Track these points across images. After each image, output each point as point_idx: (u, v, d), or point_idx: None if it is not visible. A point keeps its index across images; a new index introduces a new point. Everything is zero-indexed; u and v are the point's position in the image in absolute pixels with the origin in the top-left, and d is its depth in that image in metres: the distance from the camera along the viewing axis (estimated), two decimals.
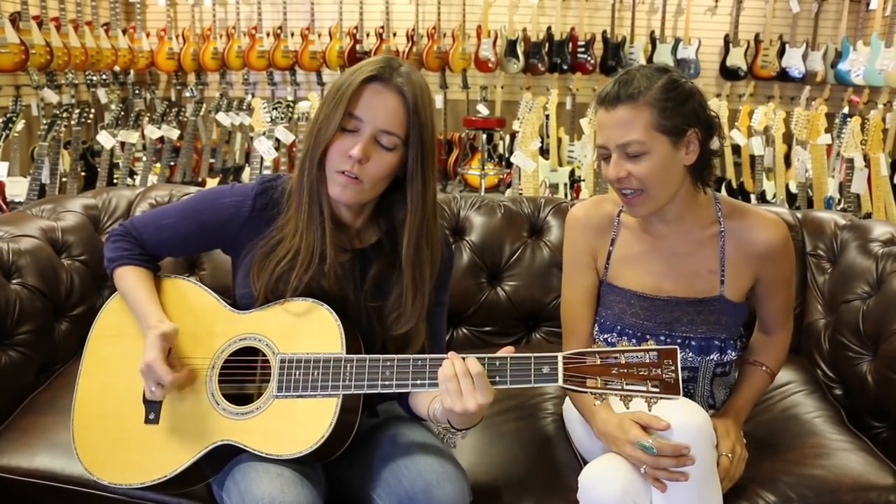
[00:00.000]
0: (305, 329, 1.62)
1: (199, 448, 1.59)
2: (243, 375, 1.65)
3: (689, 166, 1.74)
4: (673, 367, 1.41)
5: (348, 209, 1.67)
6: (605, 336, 1.90)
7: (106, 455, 1.66)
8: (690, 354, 1.84)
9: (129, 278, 1.75)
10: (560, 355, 1.45)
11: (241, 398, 1.63)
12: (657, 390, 1.40)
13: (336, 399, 1.54)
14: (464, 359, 1.46)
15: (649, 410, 1.46)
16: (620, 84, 1.68)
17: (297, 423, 1.55)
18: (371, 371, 1.54)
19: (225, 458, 1.60)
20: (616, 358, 1.43)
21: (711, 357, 1.84)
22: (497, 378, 1.47)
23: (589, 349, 1.45)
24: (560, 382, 1.44)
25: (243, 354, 1.66)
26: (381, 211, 1.70)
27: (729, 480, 1.73)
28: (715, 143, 1.76)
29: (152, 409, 1.65)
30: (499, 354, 1.49)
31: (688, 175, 1.76)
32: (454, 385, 1.44)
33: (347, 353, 1.57)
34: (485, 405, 1.45)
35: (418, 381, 1.52)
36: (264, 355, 1.64)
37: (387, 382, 1.53)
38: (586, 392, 1.43)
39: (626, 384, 1.41)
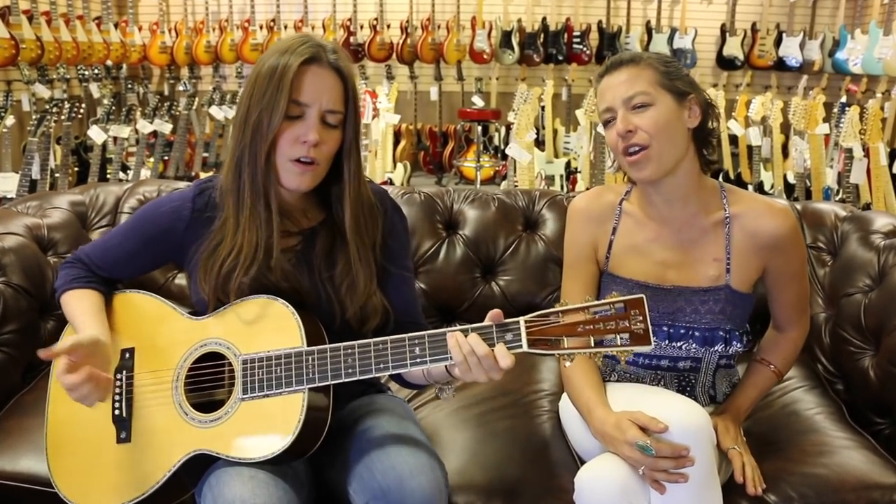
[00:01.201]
0: (264, 327, 1.58)
1: (173, 461, 1.56)
2: (210, 382, 1.62)
3: (693, 133, 1.77)
4: (641, 317, 1.36)
5: (294, 194, 1.64)
6: None
7: (83, 481, 1.63)
8: (694, 345, 1.80)
9: (72, 301, 1.73)
10: (522, 319, 1.40)
11: (211, 405, 1.60)
12: (627, 342, 1.36)
13: (302, 394, 1.51)
14: (466, 339, 1.42)
15: (623, 365, 1.40)
16: (620, 55, 1.78)
17: (266, 424, 1.51)
18: (333, 361, 1.50)
19: (202, 467, 1.56)
20: (580, 315, 1.38)
21: (716, 348, 1.81)
22: None
23: (552, 309, 1.40)
24: (525, 348, 1.39)
25: (207, 360, 1.62)
26: (318, 187, 1.67)
27: (752, 468, 1.71)
28: (712, 123, 1.81)
29: (123, 427, 1.62)
30: (486, 322, 1.44)
31: (692, 143, 1.77)
32: (473, 364, 1.42)
33: (309, 345, 1.53)
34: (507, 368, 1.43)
35: (381, 366, 1.48)
36: (227, 359, 1.60)
37: (350, 370, 1.49)
38: (553, 354, 1.39)
39: (595, 340, 1.37)
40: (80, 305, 1.71)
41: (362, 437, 1.63)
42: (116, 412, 1.63)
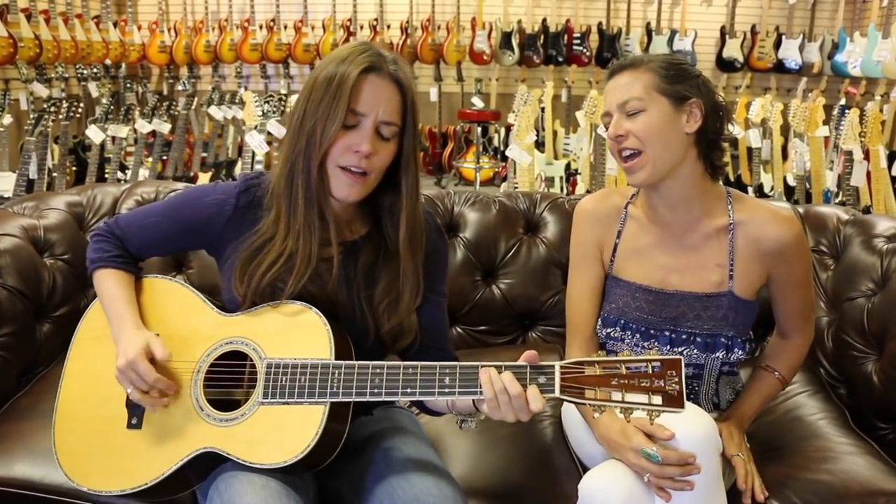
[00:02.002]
0: (294, 333, 1.56)
1: (181, 455, 1.53)
2: (230, 380, 1.60)
3: (695, 138, 1.73)
4: (677, 379, 1.33)
5: (342, 203, 1.61)
6: (608, 330, 1.85)
7: (87, 460, 1.60)
8: (696, 351, 1.79)
9: (107, 282, 1.70)
10: (557, 365, 1.39)
11: (227, 404, 1.57)
12: (660, 403, 1.33)
13: (323, 407, 1.48)
14: (500, 371, 1.40)
15: (651, 424, 1.41)
16: (625, 58, 1.78)
17: (282, 431, 1.49)
18: (360, 379, 1.48)
19: (209, 465, 1.54)
20: (616, 368, 1.35)
21: (717, 355, 1.79)
22: None
23: (588, 358, 1.38)
24: (557, 393, 1.37)
25: (230, 358, 1.60)
26: (366, 199, 1.65)
27: (751, 477, 1.70)
28: (726, 127, 1.78)
29: (135, 413, 1.59)
30: (519, 362, 1.42)
31: (693, 147, 1.74)
32: (503, 402, 1.39)
33: (337, 358, 1.51)
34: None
35: (408, 390, 1.46)
36: (251, 360, 1.58)
37: (376, 390, 1.47)
38: (584, 404, 1.37)
39: (627, 395, 1.34)
40: (117, 290, 1.69)
41: (380, 459, 1.61)
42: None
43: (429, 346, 1.68)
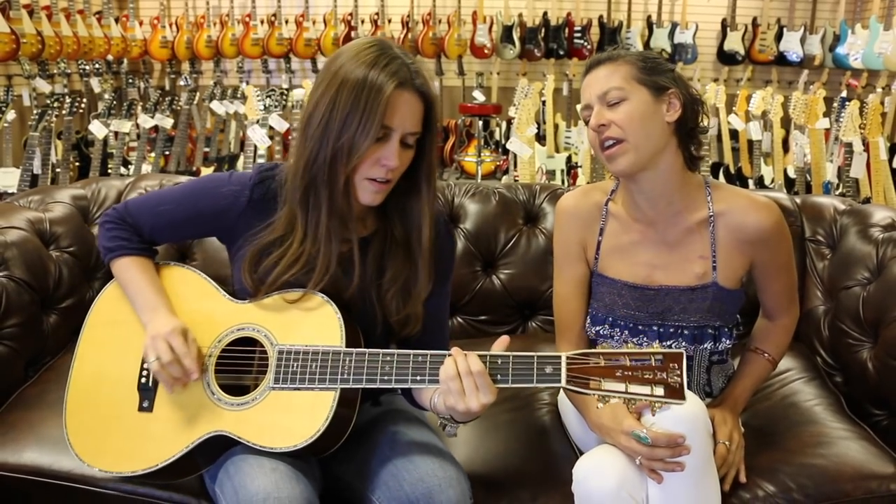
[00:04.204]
0: (305, 321, 1.59)
1: (192, 438, 1.57)
2: (241, 366, 1.63)
3: (675, 128, 1.74)
4: (678, 371, 1.38)
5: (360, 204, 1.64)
6: (597, 328, 1.87)
7: (98, 442, 1.63)
8: (684, 344, 1.81)
9: (132, 270, 1.72)
10: (564, 355, 1.43)
11: (237, 389, 1.60)
12: (662, 394, 1.37)
13: (333, 393, 1.52)
14: (466, 356, 1.44)
15: (653, 416, 1.43)
16: (598, 55, 1.78)
17: (292, 416, 1.52)
18: (370, 365, 1.51)
19: (219, 449, 1.57)
20: (620, 360, 1.39)
21: (705, 346, 1.82)
22: (498, 376, 1.45)
23: (594, 350, 1.42)
24: (563, 383, 1.41)
25: (241, 345, 1.63)
26: None
27: (727, 467, 1.72)
28: (703, 118, 1.79)
29: (147, 396, 1.63)
30: (497, 350, 1.46)
31: (673, 138, 1.75)
32: (457, 385, 1.43)
33: (347, 346, 1.54)
34: (487, 404, 1.44)
35: (418, 378, 1.49)
36: (262, 346, 1.61)
37: (386, 377, 1.50)
38: (589, 394, 1.41)
39: (630, 387, 1.38)
40: (145, 277, 1.71)
41: (385, 443, 1.64)
42: (143, 381, 1.64)
43: (427, 342, 1.69)
